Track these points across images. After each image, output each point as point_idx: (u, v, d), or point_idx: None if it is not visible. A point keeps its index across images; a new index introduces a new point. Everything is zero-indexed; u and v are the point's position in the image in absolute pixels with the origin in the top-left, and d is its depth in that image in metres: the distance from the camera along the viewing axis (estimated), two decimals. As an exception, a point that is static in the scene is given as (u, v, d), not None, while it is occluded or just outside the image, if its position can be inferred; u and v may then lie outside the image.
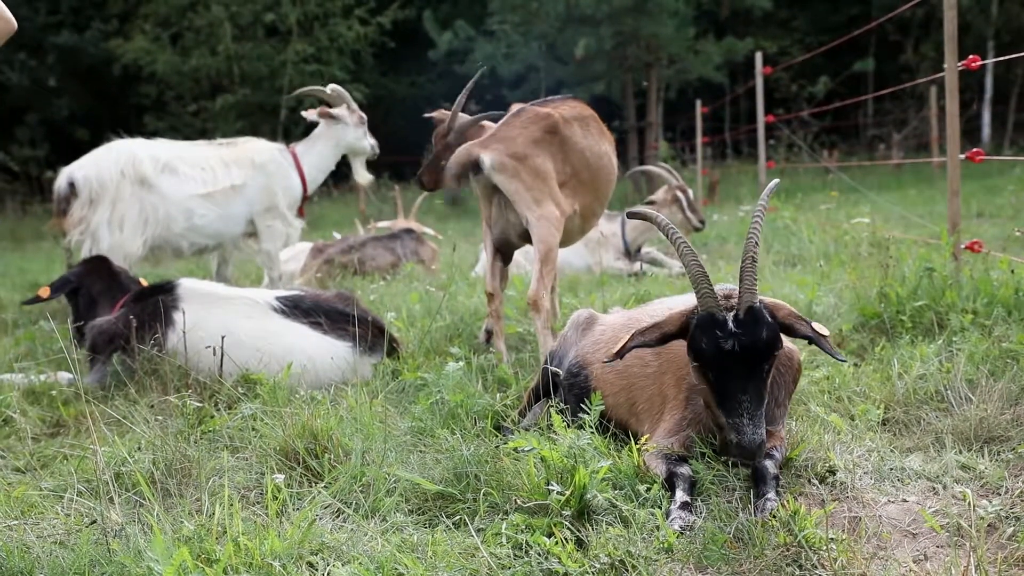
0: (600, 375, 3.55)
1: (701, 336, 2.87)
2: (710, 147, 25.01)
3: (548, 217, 4.79)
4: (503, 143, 4.83)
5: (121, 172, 6.89)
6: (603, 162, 5.22)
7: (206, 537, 2.61)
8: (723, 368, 2.83)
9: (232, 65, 26.58)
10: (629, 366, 3.44)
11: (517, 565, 2.54)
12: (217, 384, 4.45)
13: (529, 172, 4.79)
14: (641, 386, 3.42)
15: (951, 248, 5.54)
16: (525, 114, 5.04)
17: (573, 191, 5.06)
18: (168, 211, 7.00)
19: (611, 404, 3.48)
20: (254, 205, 7.30)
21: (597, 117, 5.39)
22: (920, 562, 2.55)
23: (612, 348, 3.19)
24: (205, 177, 7.13)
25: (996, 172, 19.14)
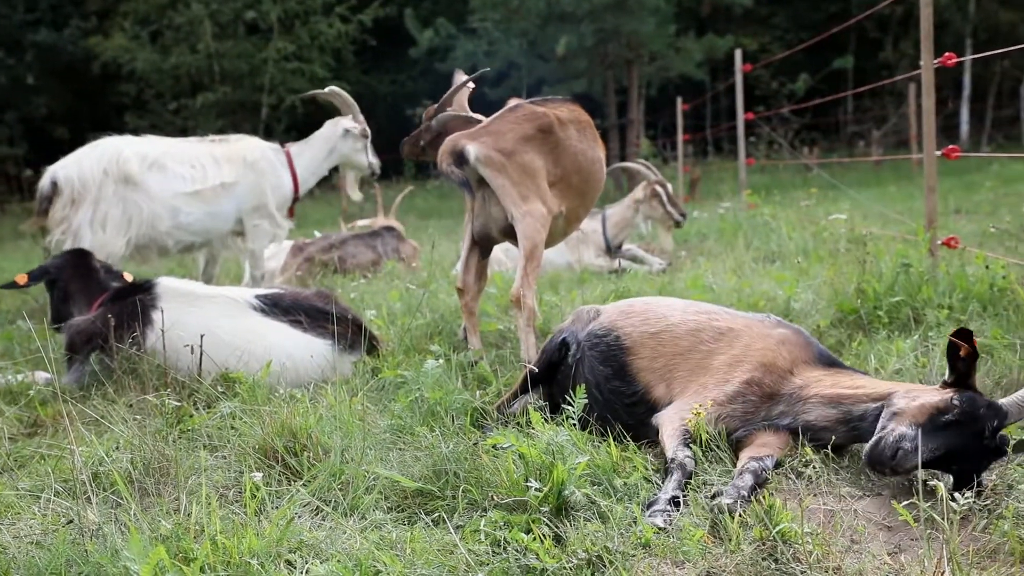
0: (637, 338, 3.60)
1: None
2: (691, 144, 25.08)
3: (534, 214, 4.78)
4: (491, 136, 4.81)
5: (104, 171, 6.82)
6: (594, 168, 5.22)
7: (183, 536, 2.60)
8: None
9: (212, 63, 26.49)
10: (678, 337, 3.55)
11: (495, 562, 2.55)
12: (196, 383, 4.44)
13: (516, 168, 4.78)
14: (688, 356, 3.50)
15: (928, 244, 5.59)
16: (520, 111, 5.01)
17: (562, 193, 5.04)
18: (153, 209, 6.93)
19: (644, 367, 3.54)
20: (243, 203, 7.24)
21: (593, 124, 5.37)
22: (894, 555, 2.58)
23: (650, 321, 3.59)
24: (194, 175, 7.07)
25: (974, 169, 19.30)
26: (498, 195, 4.82)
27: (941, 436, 2.87)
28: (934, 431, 2.88)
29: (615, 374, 3.58)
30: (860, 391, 3.19)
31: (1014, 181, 16.64)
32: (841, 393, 3.21)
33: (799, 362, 3.38)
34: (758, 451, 3.18)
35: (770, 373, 3.33)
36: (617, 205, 9.36)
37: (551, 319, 5.74)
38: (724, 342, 3.50)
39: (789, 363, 3.36)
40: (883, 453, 2.88)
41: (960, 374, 3.02)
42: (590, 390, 3.59)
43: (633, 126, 23.06)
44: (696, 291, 6.11)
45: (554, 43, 21.07)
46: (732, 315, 3.68)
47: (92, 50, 27.00)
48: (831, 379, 3.30)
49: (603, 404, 3.59)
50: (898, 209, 11.73)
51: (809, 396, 3.26)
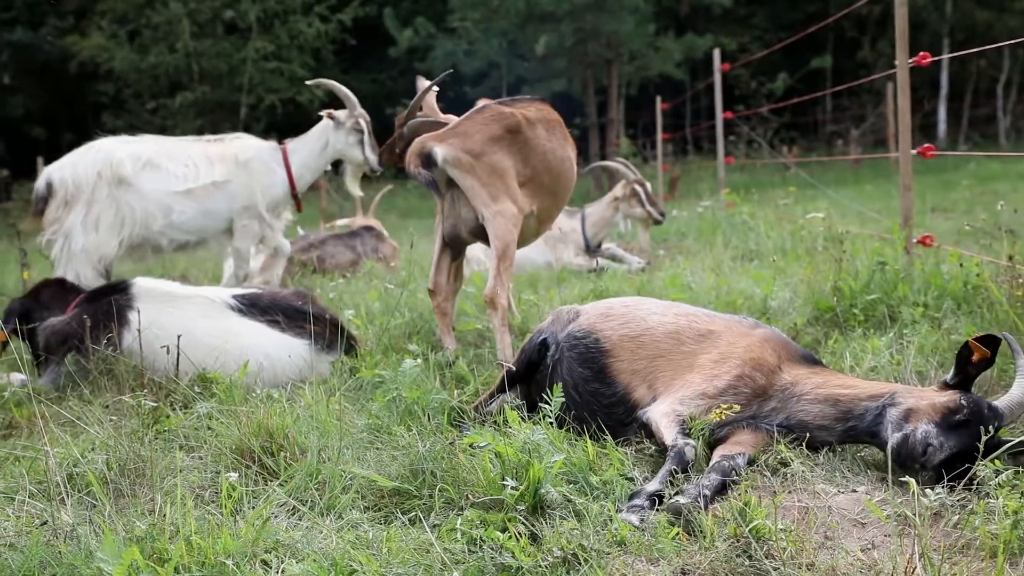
0: (617, 341, 3.60)
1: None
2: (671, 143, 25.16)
3: (505, 214, 4.78)
4: (459, 138, 4.82)
5: (98, 173, 6.82)
6: (564, 167, 5.22)
7: (158, 537, 2.60)
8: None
9: (191, 62, 26.37)
10: (657, 339, 3.55)
11: (471, 560, 2.55)
12: (173, 384, 4.42)
13: (485, 168, 4.78)
14: (670, 357, 3.51)
15: (903, 242, 5.62)
16: (487, 111, 5.02)
17: (533, 193, 5.05)
18: (146, 208, 6.91)
19: (624, 368, 3.53)
20: (234, 202, 7.21)
21: (563, 123, 5.37)
22: (868, 551, 2.60)
23: (630, 324, 3.60)
24: (187, 173, 7.03)
25: (951, 167, 19.45)
26: (468, 196, 4.82)
27: (955, 435, 2.95)
28: (949, 430, 2.96)
29: (594, 376, 3.58)
30: (857, 390, 3.23)
31: (990, 180, 16.79)
32: (838, 393, 3.24)
33: (784, 359, 3.41)
34: (731, 449, 3.20)
35: (759, 369, 3.35)
36: (596, 204, 9.38)
37: (530, 318, 5.75)
38: (707, 342, 3.52)
39: (776, 360, 3.39)
40: (914, 449, 2.94)
41: (967, 377, 3.07)
42: (568, 391, 3.59)
43: (613, 125, 23.10)
44: (675, 290, 6.13)
45: (534, 43, 21.09)
46: (711, 316, 3.70)
47: (69, 49, 26.84)
48: (820, 377, 3.34)
49: (581, 405, 3.59)
50: (875, 208, 11.80)
51: (803, 393, 3.28)
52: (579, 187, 20.29)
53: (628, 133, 26.46)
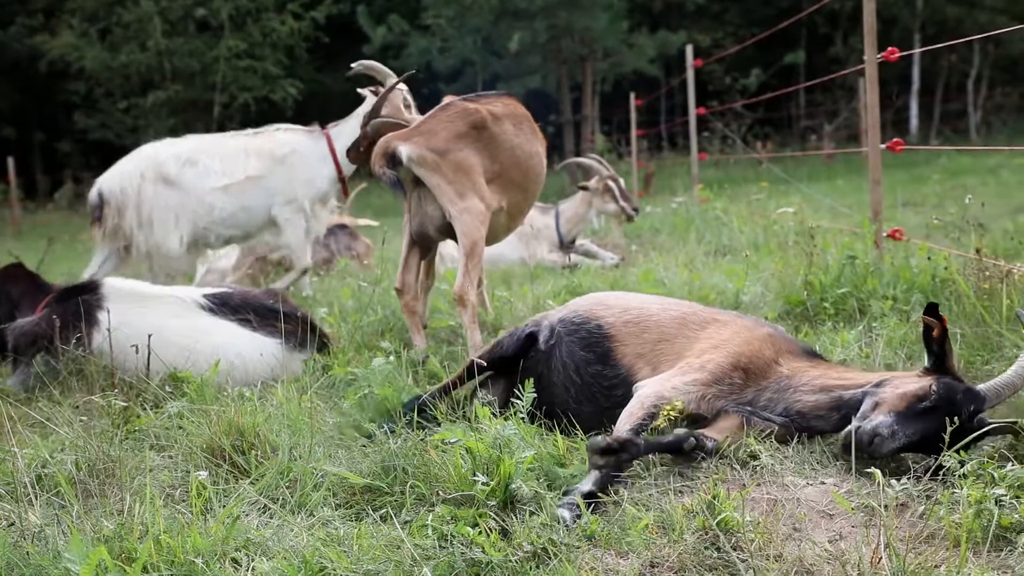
0: (620, 326, 3.65)
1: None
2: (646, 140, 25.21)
3: (472, 211, 4.78)
4: (423, 136, 4.81)
5: (141, 175, 6.98)
6: (533, 162, 5.22)
7: (127, 536, 2.58)
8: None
9: (163, 61, 26.20)
10: (663, 324, 3.61)
11: (441, 556, 2.56)
12: (144, 383, 4.40)
13: (450, 166, 4.78)
14: (675, 340, 3.56)
15: (873, 237, 5.67)
16: (452, 108, 5.01)
17: (502, 189, 5.05)
18: (191, 205, 7.01)
19: (628, 352, 3.57)
20: (275, 197, 7.17)
21: (531, 118, 5.37)
22: (835, 542, 2.62)
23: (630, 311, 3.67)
24: (224, 169, 7.06)
25: (923, 162, 19.60)
26: (435, 194, 4.82)
27: (918, 422, 2.98)
28: (911, 417, 3.00)
29: (597, 359, 3.61)
30: (848, 380, 3.27)
31: (961, 174, 16.94)
32: (831, 382, 3.28)
33: (784, 352, 3.45)
34: (709, 432, 3.22)
35: (756, 359, 3.38)
36: (570, 200, 9.39)
37: (503, 314, 5.76)
38: (712, 329, 3.57)
39: (775, 353, 3.42)
40: (860, 441, 2.98)
41: (937, 356, 3.11)
42: (568, 374, 3.63)
43: (587, 122, 23.15)
44: (647, 285, 6.15)
45: (507, 39, 21.10)
46: (713, 309, 3.79)
47: (39, 48, 26.60)
48: (818, 370, 3.37)
49: (580, 387, 3.61)
50: (848, 202, 11.89)
51: (799, 384, 3.32)
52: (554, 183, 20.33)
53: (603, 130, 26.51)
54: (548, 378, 3.69)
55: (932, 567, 2.35)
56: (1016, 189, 13.53)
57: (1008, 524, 2.52)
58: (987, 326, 4.14)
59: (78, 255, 12.61)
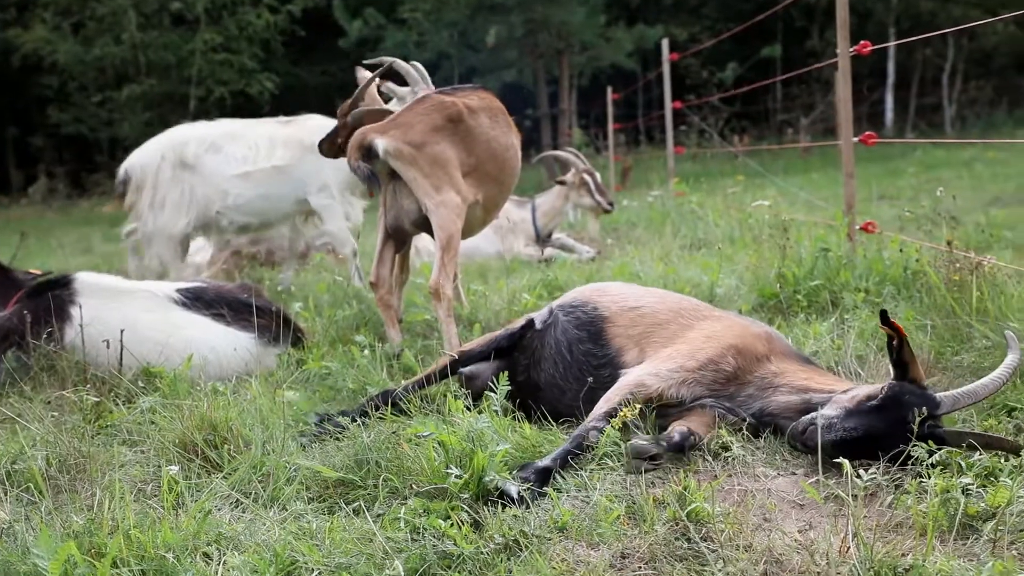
0: (617, 310, 3.72)
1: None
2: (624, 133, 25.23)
3: (448, 204, 4.78)
4: (400, 129, 4.81)
5: (162, 156, 7.05)
6: (509, 155, 5.23)
7: (96, 532, 2.57)
8: None
9: (138, 54, 26.01)
10: (657, 311, 3.67)
11: (413, 548, 2.56)
12: (116, 379, 4.37)
13: (427, 159, 4.77)
14: (667, 327, 3.61)
15: (846, 229, 5.70)
16: (428, 101, 5.00)
17: (478, 182, 5.05)
18: (206, 191, 7.00)
19: (620, 333, 3.64)
20: (306, 186, 7.11)
21: (506, 111, 5.38)
22: (805, 531, 2.64)
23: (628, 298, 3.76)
24: (247, 156, 7.03)
25: (898, 155, 19.72)
26: (411, 187, 4.82)
27: (861, 418, 2.99)
28: (856, 414, 3.01)
29: (589, 337, 3.68)
30: (824, 385, 3.28)
31: (936, 167, 17.06)
32: (809, 385, 3.29)
33: (778, 352, 3.47)
34: (690, 424, 3.24)
35: (744, 354, 3.41)
36: (547, 194, 9.41)
37: (479, 307, 5.76)
38: (706, 321, 3.62)
39: (767, 350, 3.45)
40: (795, 428, 3.04)
41: (897, 365, 3.10)
42: (560, 350, 3.68)
43: (565, 116, 23.16)
44: (623, 279, 6.17)
45: (484, 33, 21.06)
46: (712, 308, 3.84)
47: (11, 42, 26.33)
48: (805, 373, 3.38)
49: (569, 363, 3.66)
50: (823, 195, 11.95)
51: (781, 384, 3.33)
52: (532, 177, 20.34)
53: (580, 124, 26.52)
54: (540, 354, 3.75)
55: (899, 555, 2.37)
56: (989, 182, 13.65)
57: (975, 512, 2.55)
58: (957, 317, 4.17)
59: (51, 250, 12.52)
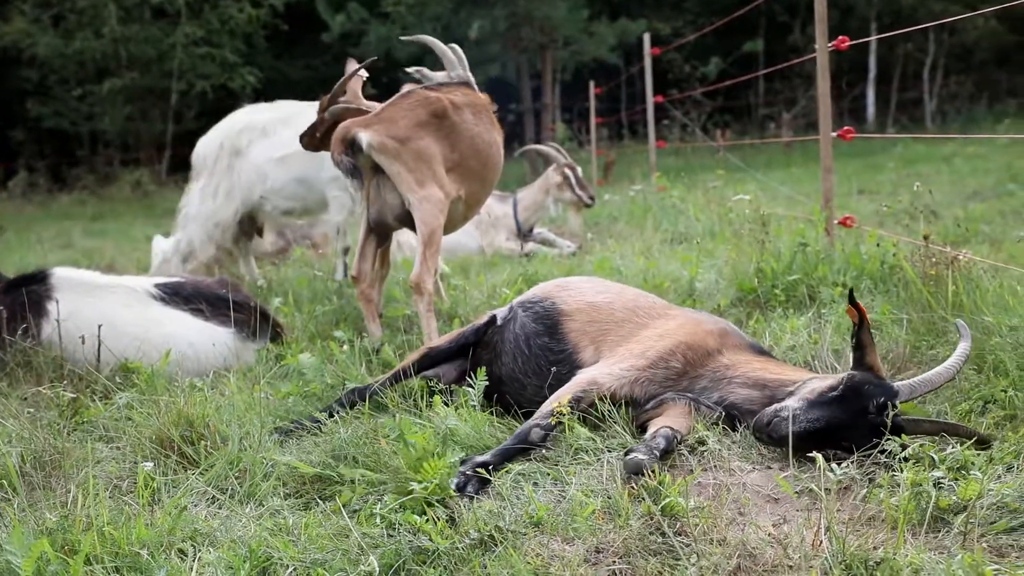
0: (574, 304, 3.74)
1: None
2: (607, 128, 25.26)
3: (431, 199, 4.78)
4: (384, 123, 4.80)
5: (220, 144, 7.15)
6: (492, 151, 5.23)
7: (70, 529, 2.57)
8: None
9: (118, 48, 25.84)
10: (615, 309, 3.69)
11: (388, 544, 2.56)
12: (94, 375, 4.36)
13: (411, 154, 4.78)
14: (623, 324, 3.62)
15: (824, 224, 5.73)
16: (413, 96, 5.00)
17: (461, 178, 5.05)
18: (249, 176, 7.04)
19: (576, 328, 3.65)
20: (331, 172, 7.00)
21: (489, 107, 5.38)
22: (779, 525, 2.65)
23: (586, 294, 3.77)
24: (289, 139, 6.88)
25: (879, 150, 19.80)
26: (394, 182, 4.81)
27: (823, 409, 3.01)
28: (817, 405, 3.03)
29: (546, 331, 3.69)
30: (784, 377, 3.30)
31: (916, 162, 17.13)
32: (767, 378, 3.30)
33: (730, 345, 3.49)
34: (670, 422, 3.25)
35: (697, 348, 3.43)
36: (528, 189, 9.42)
37: (459, 302, 5.76)
38: (661, 320, 3.63)
39: (719, 344, 3.47)
40: (759, 420, 3.06)
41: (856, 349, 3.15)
42: (519, 344, 3.69)
43: (548, 110, 23.15)
44: (603, 273, 6.18)
45: (467, 28, 21.01)
46: (670, 305, 3.85)
47: (-10, 35, 26.13)
48: (760, 364, 3.40)
49: (527, 358, 3.67)
50: (806, 189, 11.99)
51: (735, 376, 3.35)
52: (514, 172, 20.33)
53: (564, 118, 26.53)
54: (500, 348, 3.76)
55: (871, 549, 2.39)
56: (969, 176, 13.72)
57: (946, 505, 2.58)
58: (933, 311, 4.20)
59: (31, 245, 12.44)
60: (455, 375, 3.94)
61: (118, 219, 18.49)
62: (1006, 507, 2.55)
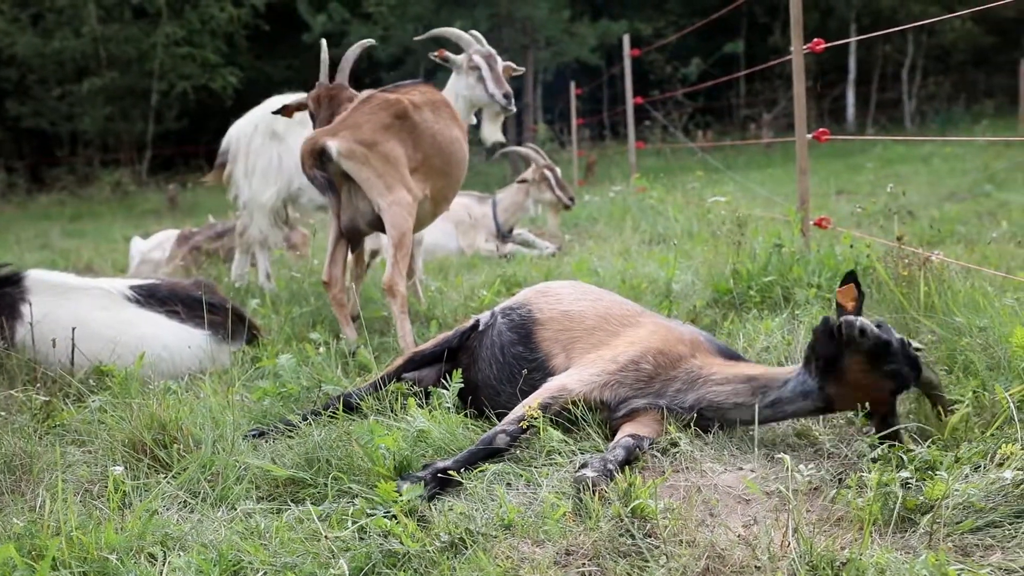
0: (549, 312, 3.75)
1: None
2: (588, 128, 25.31)
3: (400, 203, 4.80)
4: (350, 130, 4.81)
5: (255, 126, 7.08)
6: (454, 148, 5.26)
7: (38, 534, 2.55)
8: None
9: (98, 47, 25.74)
10: (586, 316, 3.69)
11: (359, 547, 2.56)
12: (67, 377, 4.33)
13: (379, 158, 4.79)
14: (593, 332, 3.63)
15: (799, 225, 5.75)
16: (373, 100, 5.02)
17: (425, 176, 5.07)
18: (290, 163, 6.96)
19: (548, 337, 3.67)
20: None
21: (448, 103, 5.40)
22: (749, 526, 2.67)
23: (563, 300, 3.77)
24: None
25: (858, 151, 19.92)
26: (364, 188, 4.83)
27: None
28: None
29: (520, 340, 3.69)
30: (771, 370, 3.33)
31: (895, 162, 17.25)
32: (750, 372, 3.32)
33: (701, 350, 3.50)
34: (638, 429, 3.26)
35: (667, 353, 3.43)
36: (507, 190, 9.42)
37: (436, 303, 5.76)
38: (632, 328, 3.63)
39: (690, 349, 3.47)
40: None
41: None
42: (494, 352, 3.71)
43: (529, 111, 23.18)
44: (582, 274, 6.19)
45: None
46: (645, 311, 3.85)
47: (-32, 34, 25.97)
48: (734, 366, 3.42)
49: (502, 365, 3.68)
50: (785, 190, 12.04)
51: (711, 375, 3.35)
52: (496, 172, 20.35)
53: (546, 119, 26.55)
54: (478, 354, 3.78)
55: (838, 549, 2.40)
56: (947, 177, 13.82)
57: (913, 505, 2.59)
58: (905, 312, 4.23)
59: (9, 246, 12.38)
60: (434, 378, 3.94)
61: (97, 220, 18.41)
62: (972, 507, 2.57)
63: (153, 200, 21.87)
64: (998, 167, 13.54)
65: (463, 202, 9.20)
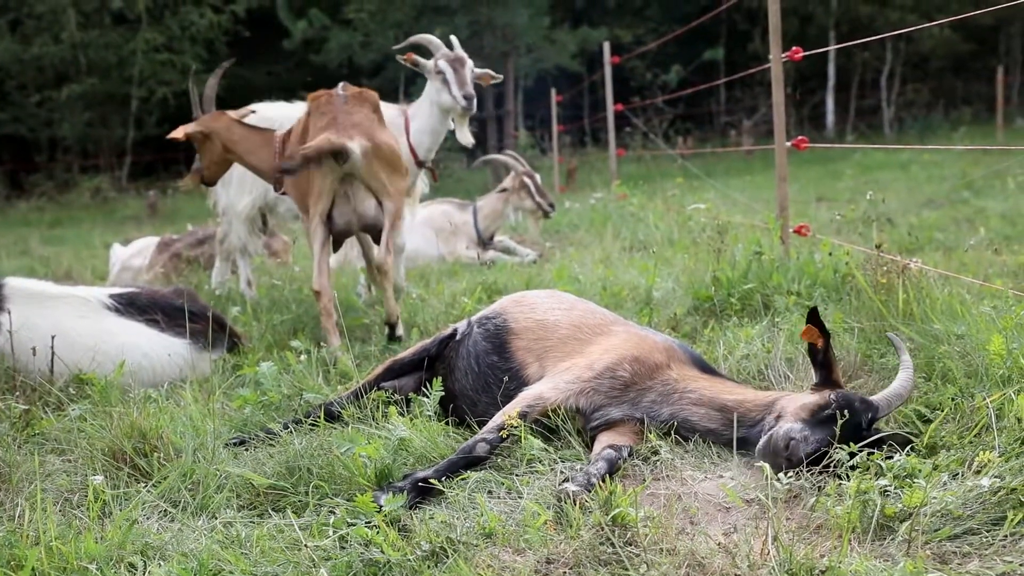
0: (524, 322, 3.76)
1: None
2: (569, 135, 25.35)
3: (401, 189, 5.08)
4: (357, 128, 4.85)
5: None
6: None
7: (16, 544, 2.54)
8: None
9: (77, 54, 25.60)
10: (561, 325, 3.71)
11: (340, 556, 2.56)
12: (47, 386, 4.31)
13: (386, 152, 5.01)
14: (567, 342, 3.64)
15: (778, 232, 5.78)
16: (357, 97, 5.14)
17: None
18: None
19: (522, 347, 3.68)
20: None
21: None
22: (729, 534, 2.68)
23: (537, 310, 3.79)
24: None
25: (839, 157, 20.03)
26: (375, 184, 4.92)
27: (825, 429, 2.99)
28: (817, 425, 3.02)
29: (495, 349, 3.70)
30: (745, 397, 3.30)
31: (874, 169, 17.37)
32: (725, 399, 3.30)
33: (676, 360, 3.50)
34: (617, 439, 3.27)
35: (643, 361, 3.44)
36: (488, 197, 9.44)
37: (417, 311, 5.75)
38: (603, 336, 3.64)
39: (665, 359, 3.47)
40: (776, 445, 2.98)
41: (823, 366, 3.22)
42: (470, 362, 3.71)
43: (510, 117, 23.21)
44: (562, 282, 6.20)
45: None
46: (618, 319, 3.86)
47: (-54, 40, 25.77)
48: (708, 382, 3.41)
49: (477, 375, 3.69)
50: (765, 197, 12.09)
51: (687, 391, 3.35)
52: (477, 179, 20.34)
53: (526, 125, 26.60)
54: (454, 363, 3.78)
55: (818, 557, 2.42)
56: (925, 183, 13.92)
57: (892, 513, 2.61)
58: (884, 320, 4.26)
59: (-12, 253, 12.29)
60: (413, 386, 3.94)
61: (77, 226, 18.31)
62: (950, 514, 2.59)
63: (133, 206, 21.76)
64: (976, 175, 13.65)
65: (444, 209, 9.22)
